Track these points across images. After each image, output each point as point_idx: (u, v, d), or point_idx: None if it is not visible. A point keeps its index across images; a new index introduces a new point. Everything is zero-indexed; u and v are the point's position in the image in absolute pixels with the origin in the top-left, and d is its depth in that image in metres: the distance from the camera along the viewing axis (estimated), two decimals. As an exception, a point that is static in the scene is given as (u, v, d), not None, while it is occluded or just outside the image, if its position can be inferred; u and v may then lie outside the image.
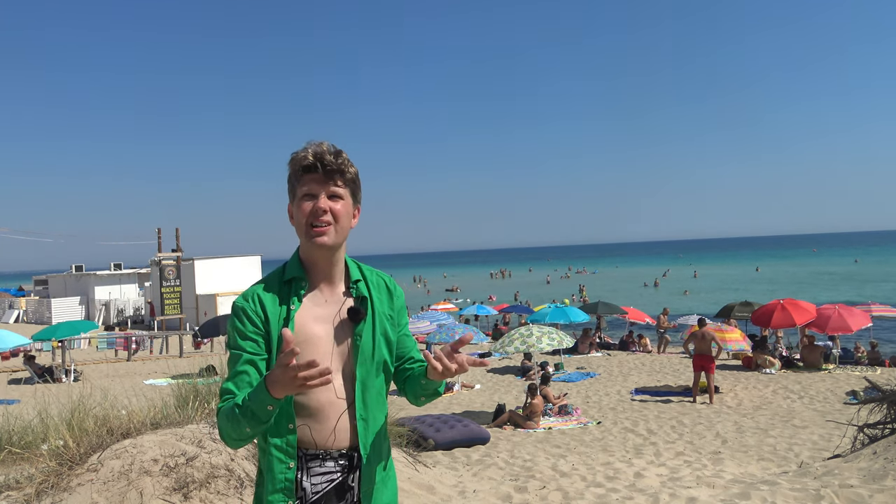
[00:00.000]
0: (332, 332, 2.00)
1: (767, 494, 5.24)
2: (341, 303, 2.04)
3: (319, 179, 1.94)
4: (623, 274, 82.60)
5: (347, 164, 1.98)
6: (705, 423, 11.14)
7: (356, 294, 2.05)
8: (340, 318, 2.01)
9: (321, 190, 1.95)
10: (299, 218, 1.96)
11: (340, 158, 1.96)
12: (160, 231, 33.88)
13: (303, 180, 1.95)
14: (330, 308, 2.02)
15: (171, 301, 32.27)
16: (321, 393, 1.96)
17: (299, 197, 1.96)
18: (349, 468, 1.98)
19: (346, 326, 2.01)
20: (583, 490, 6.30)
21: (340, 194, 1.97)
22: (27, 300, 43.75)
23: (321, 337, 1.98)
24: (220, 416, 1.91)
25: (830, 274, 65.71)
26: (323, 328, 1.99)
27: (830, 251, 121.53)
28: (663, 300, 38.99)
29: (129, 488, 3.94)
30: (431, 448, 8.96)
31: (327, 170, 1.94)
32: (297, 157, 1.96)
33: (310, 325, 1.98)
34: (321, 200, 1.94)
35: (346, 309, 2.02)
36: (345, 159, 1.97)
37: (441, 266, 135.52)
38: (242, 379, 1.91)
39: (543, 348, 13.33)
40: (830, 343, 18.07)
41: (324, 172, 1.94)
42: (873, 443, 6.04)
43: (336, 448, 1.97)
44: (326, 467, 1.96)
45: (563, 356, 20.10)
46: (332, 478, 1.96)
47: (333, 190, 1.96)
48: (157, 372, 19.50)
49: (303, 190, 1.96)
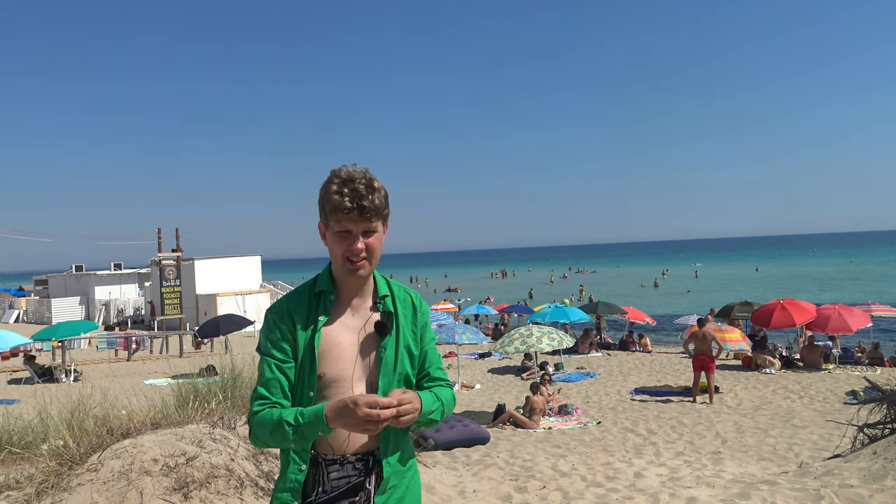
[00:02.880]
0: (357, 342, 2.07)
1: (767, 494, 5.24)
2: (368, 316, 2.11)
3: (355, 219, 1.97)
4: (623, 274, 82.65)
5: (380, 196, 2.00)
6: (705, 423, 11.14)
7: (383, 309, 2.12)
8: (366, 331, 2.09)
9: (357, 228, 1.99)
10: (335, 250, 2.02)
11: (374, 193, 1.98)
12: (160, 231, 33.90)
13: (338, 217, 1.98)
14: (357, 320, 2.10)
15: (171, 301, 32.27)
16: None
17: (335, 231, 2.00)
18: (366, 471, 2.04)
19: (371, 339, 2.08)
20: (583, 490, 6.30)
21: (374, 228, 2.02)
22: (27, 300, 43.77)
23: (346, 346, 2.06)
24: (256, 422, 1.99)
25: (829, 274, 65.77)
26: (349, 338, 2.07)
27: (831, 251, 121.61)
28: (664, 300, 39.05)
29: (129, 488, 3.94)
30: (431, 448, 8.96)
31: (365, 213, 1.97)
32: (333, 196, 1.96)
33: (336, 334, 2.06)
34: (358, 242, 1.99)
35: (372, 322, 2.10)
36: (378, 191, 1.99)
37: (440, 266, 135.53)
38: (275, 385, 2.02)
39: (543, 348, 13.34)
40: (830, 343, 18.08)
41: (360, 215, 1.97)
42: (873, 443, 6.04)
43: (352, 452, 2.03)
44: (345, 471, 2.02)
45: (563, 356, 20.11)
46: (348, 480, 2.02)
47: (367, 227, 2.00)
48: (157, 372, 19.50)
49: (339, 226, 1.99)
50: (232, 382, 6.32)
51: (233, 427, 5.05)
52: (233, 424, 5.09)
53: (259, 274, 39.26)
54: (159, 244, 33.77)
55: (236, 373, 6.57)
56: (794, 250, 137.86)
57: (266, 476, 4.49)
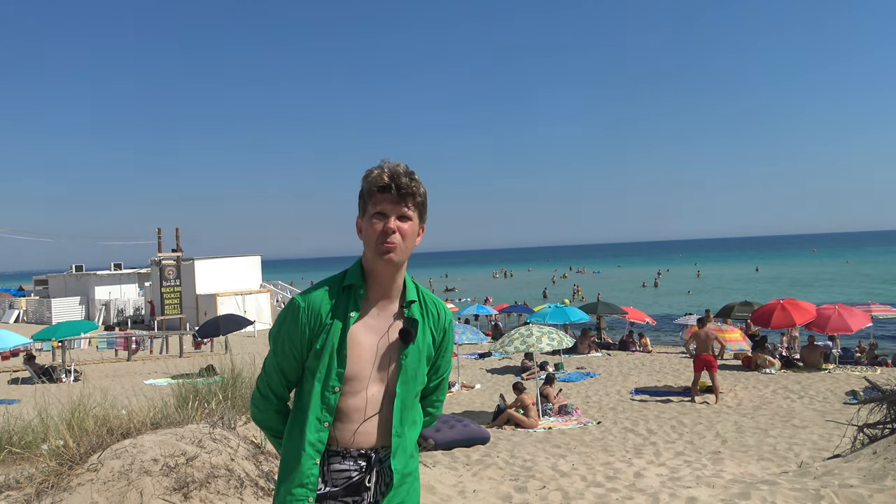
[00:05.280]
0: (377, 345, 2.08)
1: (767, 494, 5.24)
2: (392, 321, 2.11)
3: (392, 200, 2.01)
4: (624, 274, 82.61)
5: (419, 185, 2.06)
6: (705, 423, 11.15)
7: (408, 314, 2.12)
8: (389, 335, 2.09)
9: (393, 211, 2.02)
10: (370, 233, 2.03)
11: (413, 181, 2.03)
12: (160, 231, 33.88)
13: (376, 199, 2.02)
14: (382, 322, 2.10)
15: (171, 301, 32.26)
16: (353, 399, 2.05)
17: (371, 214, 2.03)
18: (367, 468, 2.06)
19: (393, 344, 2.09)
20: (583, 490, 6.30)
21: (410, 216, 2.05)
22: (27, 300, 43.75)
23: (366, 347, 2.07)
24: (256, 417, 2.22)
25: (829, 274, 65.75)
26: (370, 339, 2.08)
27: (831, 251, 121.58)
28: (664, 300, 39.06)
29: (129, 488, 3.94)
30: (431, 448, 8.96)
31: (401, 192, 2.01)
32: (373, 176, 2.03)
33: (359, 333, 2.07)
34: (391, 221, 2.01)
35: (396, 328, 2.10)
36: (417, 181, 2.05)
37: (440, 266, 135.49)
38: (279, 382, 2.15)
39: (543, 348, 13.31)
40: (830, 343, 18.08)
41: (397, 194, 2.01)
42: (873, 443, 6.04)
43: (356, 447, 2.05)
44: (346, 465, 2.05)
45: (563, 356, 20.10)
46: (349, 475, 2.04)
47: (404, 211, 2.03)
48: (157, 372, 19.49)
49: (376, 208, 2.02)
50: (232, 382, 6.31)
51: (233, 427, 5.05)
52: (233, 424, 5.09)
53: (259, 274, 39.25)
54: (159, 244, 33.76)
55: (236, 373, 6.56)
56: (794, 250, 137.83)
57: (266, 476, 4.49)
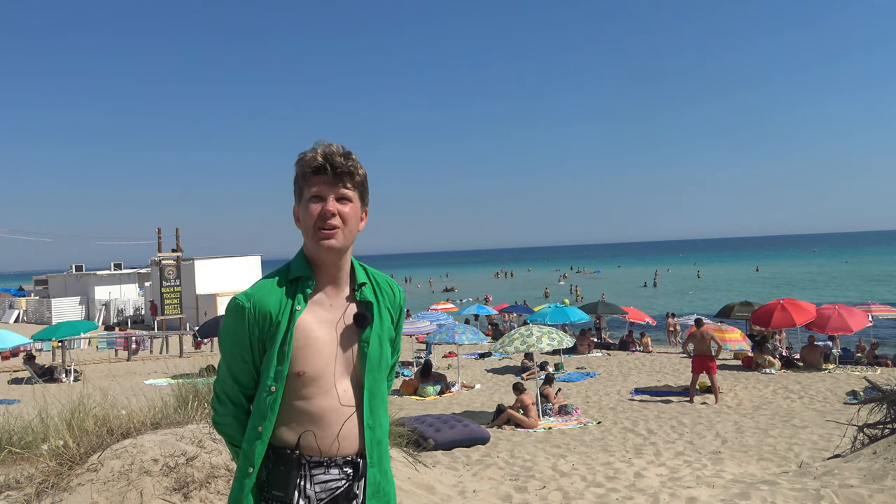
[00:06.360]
0: (336, 336, 1.95)
1: (767, 494, 5.24)
2: (346, 307, 1.98)
3: (328, 181, 1.88)
4: (624, 274, 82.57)
5: (357, 166, 1.93)
6: (705, 423, 11.14)
7: (360, 298, 2.00)
8: (345, 323, 1.96)
9: (330, 192, 1.89)
10: (306, 220, 1.90)
11: (350, 160, 1.91)
12: (160, 231, 33.94)
13: (311, 181, 1.89)
14: (335, 312, 1.97)
15: (171, 301, 32.27)
16: (325, 399, 1.91)
17: (307, 198, 1.90)
18: (355, 476, 1.94)
19: (351, 331, 1.96)
20: (583, 490, 6.30)
21: (349, 196, 1.91)
22: (27, 300, 43.77)
23: (325, 341, 1.93)
24: (215, 421, 2.09)
25: (829, 274, 65.72)
26: (327, 332, 1.94)
27: (831, 251, 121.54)
28: (664, 300, 39.02)
29: (129, 488, 3.93)
30: (431, 448, 8.95)
31: (337, 172, 1.88)
32: (306, 157, 1.90)
33: (314, 328, 1.92)
34: (329, 203, 1.88)
35: (350, 313, 1.97)
36: (354, 161, 1.92)
37: (439, 266, 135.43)
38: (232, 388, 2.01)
39: (543, 348, 13.31)
40: (830, 343, 18.08)
41: (333, 174, 1.88)
42: (873, 443, 6.04)
43: (341, 455, 1.92)
44: (331, 475, 1.92)
45: (563, 356, 20.10)
46: (336, 485, 1.92)
47: (342, 192, 1.90)
48: (157, 372, 19.49)
49: (311, 191, 1.89)
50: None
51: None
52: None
53: (259, 274, 39.18)
54: (159, 244, 33.79)
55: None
56: (793, 250, 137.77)
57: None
